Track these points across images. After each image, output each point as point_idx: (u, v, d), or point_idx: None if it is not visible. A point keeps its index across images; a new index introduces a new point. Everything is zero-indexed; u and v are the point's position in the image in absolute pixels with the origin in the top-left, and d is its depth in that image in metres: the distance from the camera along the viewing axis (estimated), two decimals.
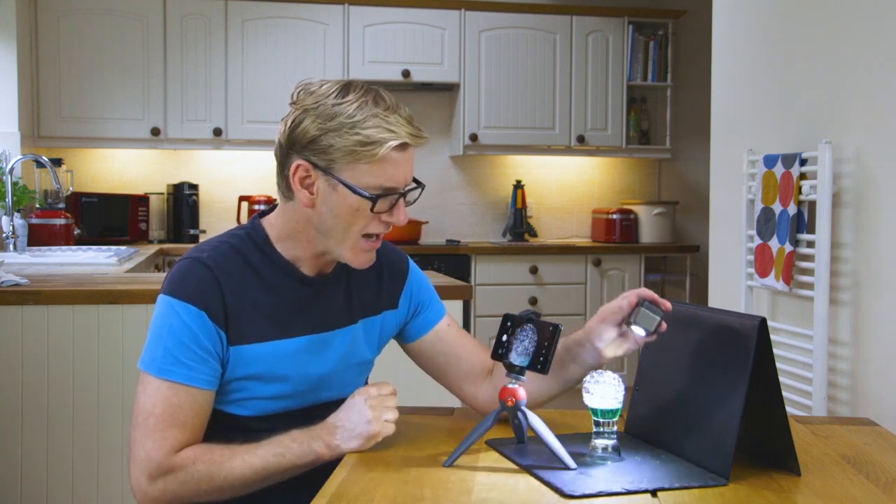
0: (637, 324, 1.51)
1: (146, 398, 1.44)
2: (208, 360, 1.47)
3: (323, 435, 1.44)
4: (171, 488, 1.42)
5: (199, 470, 1.41)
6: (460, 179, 5.66)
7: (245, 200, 5.18)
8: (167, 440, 1.42)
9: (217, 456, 1.42)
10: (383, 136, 1.43)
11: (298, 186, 1.49)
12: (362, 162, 1.44)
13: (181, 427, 1.43)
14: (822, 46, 2.84)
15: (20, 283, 2.68)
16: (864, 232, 2.64)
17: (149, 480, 1.42)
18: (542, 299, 5.18)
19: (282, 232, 1.56)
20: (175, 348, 1.45)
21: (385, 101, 1.47)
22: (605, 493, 1.26)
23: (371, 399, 1.44)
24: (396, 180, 1.47)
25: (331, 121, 1.44)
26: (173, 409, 1.43)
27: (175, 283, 1.49)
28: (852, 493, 1.30)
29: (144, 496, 1.43)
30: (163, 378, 1.44)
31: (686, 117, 5.73)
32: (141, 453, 1.43)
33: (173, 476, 1.42)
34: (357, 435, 1.43)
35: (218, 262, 1.50)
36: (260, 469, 1.42)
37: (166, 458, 1.42)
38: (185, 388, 1.44)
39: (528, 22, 5.39)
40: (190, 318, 1.46)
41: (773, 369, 1.36)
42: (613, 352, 1.57)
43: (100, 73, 4.92)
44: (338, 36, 5.16)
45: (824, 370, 2.72)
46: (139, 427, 1.44)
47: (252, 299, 1.51)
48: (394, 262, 1.70)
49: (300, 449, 1.43)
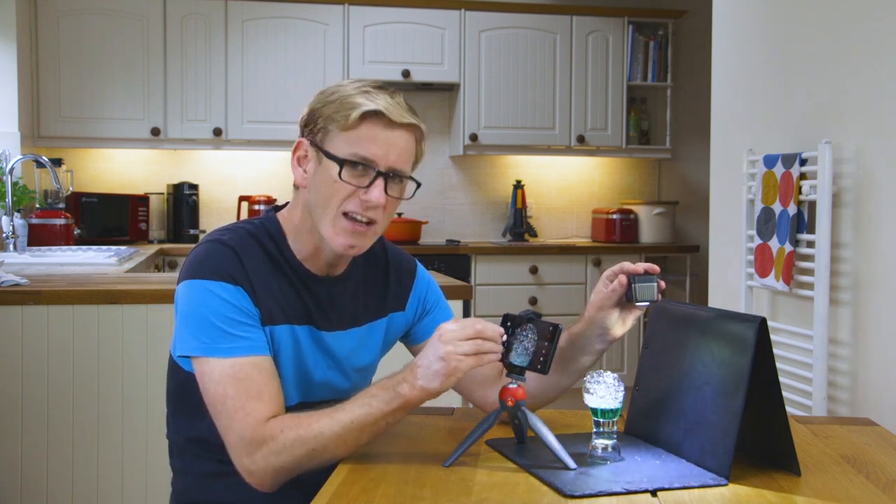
0: (639, 300, 1.54)
1: (214, 384, 1.43)
2: (258, 328, 1.47)
3: (407, 377, 1.40)
4: (271, 461, 1.40)
5: (289, 437, 1.39)
6: (460, 179, 5.66)
7: (245, 200, 5.18)
8: (250, 415, 1.40)
9: (304, 420, 1.40)
10: (359, 100, 1.47)
11: (296, 165, 1.54)
12: (339, 126, 1.47)
13: (258, 398, 1.42)
14: (821, 46, 2.84)
15: (20, 283, 2.68)
16: (864, 232, 2.64)
17: (249, 459, 1.40)
18: (542, 299, 5.18)
19: (292, 227, 1.56)
20: (225, 325, 1.44)
21: (382, 86, 1.51)
22: (605, 493, 1.26)
23: (446, 333, 1.39)
24: (373, 154, 1.47)
25: (329, 96, 1.51)
26: (245, 383, 1.42)
27: (202, 266, 1.47)
28: (852, 493, 1.30)
29: (251, 475, 1.42)
30: (223, 357, 1.43)
31: (686, 117, 5.73)
32: (233, 437, 1.42)
33: (267, 447, 1.39)
34: (434, 373, 1.37)
35: (238, 244, 1.50)
36: (349, 423, 1.38)
37: (255, 431, 1.40)
38: (249, 360, 1.43)
39: (528, 22, 5.39)
40: (228, 294, 1.45)
41: (773, 369, 1.36)
42: (622, 330, 1.60)
43: (100, 73, 4.92)
44: (338, 36, 5.16)
45: (824, 370, 2.72)
46: (221, 414, 1.43)
47: (269, 283, 1.51)
48: (401, 264, 1.71)
49: (386, 395, 1.40)
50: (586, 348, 1.61)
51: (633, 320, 1.60)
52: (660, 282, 1.54)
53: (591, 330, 1.59)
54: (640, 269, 1.54)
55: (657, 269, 1.54)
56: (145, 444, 2.61)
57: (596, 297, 1.59)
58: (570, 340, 1.61)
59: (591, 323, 1.59)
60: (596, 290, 1.60)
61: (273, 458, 1.39)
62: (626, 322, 1.59)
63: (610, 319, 1.58)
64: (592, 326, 1.59)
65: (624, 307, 1.58)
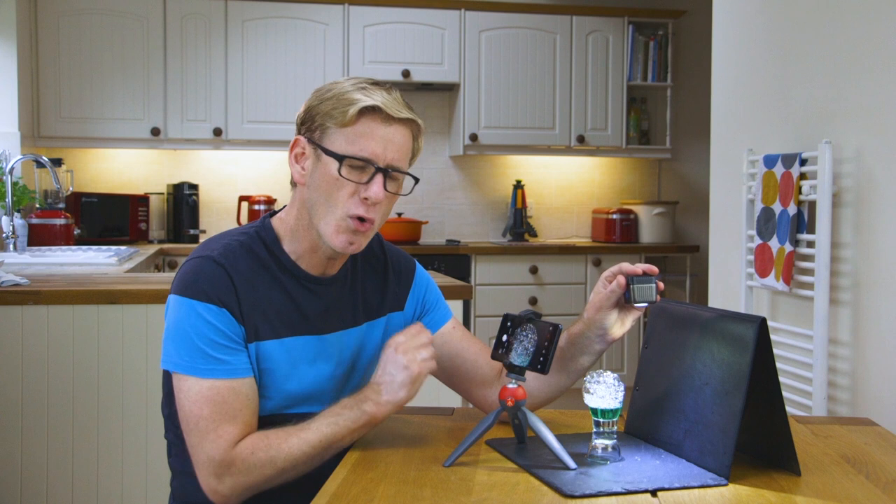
0: (637, 300, 1.54)
1: (190, 402, 1.44)
2: (240, 350, 1.47)
3: (370, 395, 1.45)
4: (240, 481, 1.42)
5: (260, 458, 1.41)
6: (460, 179, 5.66)
7: (245, 200, 5.18)
8: (222, 437, 1.42)
9: (273, 440, 1.43)
10: (356, 96, 1.48)
11: (293, 163, 1.54)
12: (336, 123, 1.48)
13: (232, 420, 1.43)
14: (821, 46, 2.84)
15: (20, 283, 2.68)
16: (864, 232, 2.64)
17: (217, 480, 1.42)
18: (542, 299, 5.18)
19: (288, 227, 1.56)
20: (206, 347, 1.45)
21: (378, 82, 1.52)
22: (605, 493, 1.26)
23: (400, 345, 1.45)
24: (371, 151, 1.48)
25: (326, 93, 1.51)
26: (220, 405, 1.43)
27: (189, 283, 1.48)
28: (852, 493, 1.30)
29: (218, 496, 1.43)
30: (201, 378, 1.44)
31: (686, 117, 5.73)
32: (202, 457, 1.43)
33: (237, 469, 1.42)
34: (400, 384, 1.43)
35: (229, 260, 1.50)
36: (317, 442, 1.42)
37: (226, 454, 1.42)
38: (227, 383, 1.45)
39: (528, 22, 5.39)
40: (213, 316, 1.46)
41: (773, 369, 1.36)
42: (621, 330, 1.60)
43: (100, 73, 4.92)
44: (338, 36, 5.16)
45: (824, 370, 2.72)
46: (192, 432, 1.44)
47: (264, 296, 1.51)
48: (400, 264, 1.71)
49: (352, 413, 1.44)
50: (586, 349, 1.61)
51: (632, 321, 1.60)
52: (658, 282, 1.54)
53: (591, 330, 1.59)
54: (638, 269, 1.54)
55: (656, 270, 1.54)
56: (145, 443, 2.61)
57: (595, 298, 1.59)
58: (569, 341, 1.61)
59: (590, 323, 1.59)
60: (595, 291, 1.60)
61: (243, 479, 1.42)
62: (624, 323, 1.60)
63: (609, 320, 1.58)
64: (591, 327, 1.59)
65: (623, 308, 1.58)
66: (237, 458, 1.42)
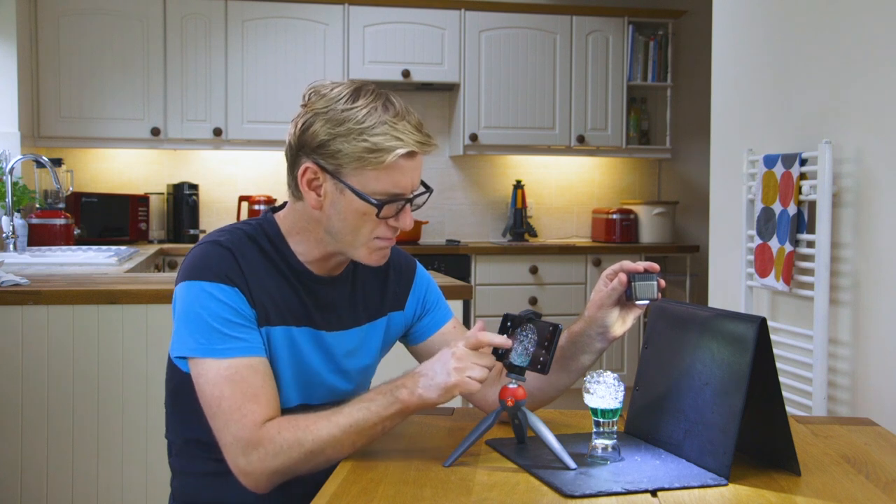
0: (639, 298, 1.54)
1: (210, 385, 1.43)
2: (254, 329, 1.47)
3: (407, 383, 1.42)
4: (266, 462, 1.40)
5: (287, 438, 1.39)
6: (460, 179, 5.66)
7: (245, 200, 5.18)
8: (246, 416, 1.41)
9: (302, 422, 1.41)
10: (391, 143, 1.44)
11: (306, 188, 1.50)
12: (369, 168, 1.45)
13: (254, 399, 1.42)
14: (821, 47, 2.84)
15: (20, 283, 2.68)
16: (864, 232, 2.64)
17: (245, 460, 1.40)
18: (542, 299, 5.18)
19: (292, 228, 1.56)
20: (221, 326, 1.44)
21: (394, 107, 1.47)
22: (605, 493, 1.26)
23: (460, 354, 1.41)
24: (403, 186, 1.48)
25: (340, 126, 1.45)
26: (241, 385, 1.42)
27: (199, 267, 1.47)
28: (852, 493, 1.30)
29: (248, 478, 1.42)
30: (218, 358, 1.43)
31: (686, 117, 5.73)
32: (228, 438, 1.41)
33: (263, 449, 1.39)
34: (437, 385, 1.39)
35: (236, 246, 1.50)
36: (346, 426, 1.39)
37: (252, 433, 1.40)
38: (245, 361, 1.44)
39: (528, 22, 5.39)
40: (225, 295, 1.45)
41: (773, 369, 1.36)
42: (622, 329, 1.60)
43: (100, 73, 4.92)
44: (338, 36, 5.16)
45: (824, 370, 2.72)
46: (216, 415, 1.43)
47: (271, 284, 1.51)
48: (401, 264, 1.71)
49: (384, 399, 1.41)
50: (586, 347, 1.61)
51: (633, 319, 1.60)
52: (660, 280, 1.55)
53: (591, 329, 1.59)
54: (639, 267, 1.55)
55: (657, 268, 1.55)
56: (145, 443, 2.61)
57: (596, 296, 1.59)
58: (570, 339, 1.61)
59: (591, 322, 1.59)
60: (596, 289, 1.60)
61: (269, 461, 1.40)
62: (626, 321, 1.60)
63: (610, 318, 1.58)
64: (592, 325, 1.59)
65: (624, 306, 1.58)
66: (264, 438, 1.40)
